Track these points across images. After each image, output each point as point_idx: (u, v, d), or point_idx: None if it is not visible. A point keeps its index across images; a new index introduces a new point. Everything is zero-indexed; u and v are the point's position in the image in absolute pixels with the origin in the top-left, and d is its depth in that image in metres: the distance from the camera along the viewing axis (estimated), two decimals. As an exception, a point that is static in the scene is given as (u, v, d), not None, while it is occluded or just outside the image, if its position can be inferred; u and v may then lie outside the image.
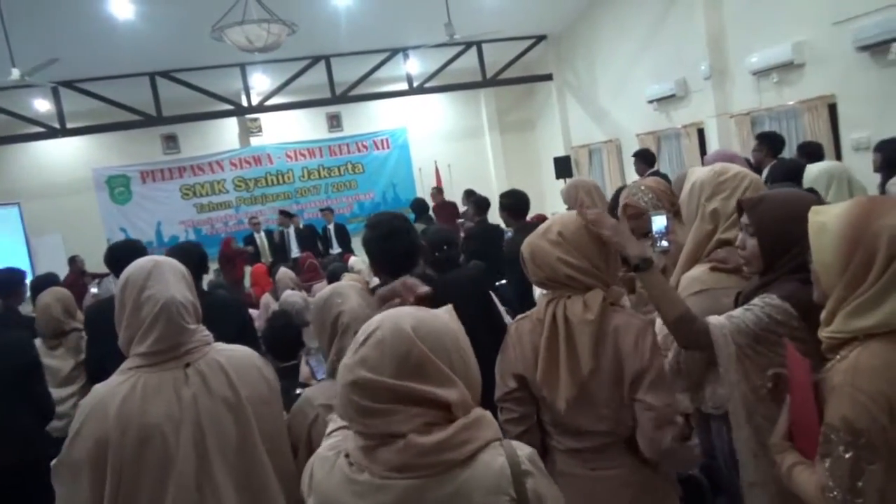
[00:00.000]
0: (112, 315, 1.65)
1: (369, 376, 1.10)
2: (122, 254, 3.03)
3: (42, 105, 10.25)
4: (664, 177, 4.99)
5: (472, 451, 1.12)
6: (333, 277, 5.28)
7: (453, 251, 2.97)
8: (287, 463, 1.72)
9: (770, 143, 5.25)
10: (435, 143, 13.01)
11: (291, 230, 10.06)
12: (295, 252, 9.66)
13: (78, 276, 8.57)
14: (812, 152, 4.91)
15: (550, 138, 12.76)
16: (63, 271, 10.29)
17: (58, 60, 6.66)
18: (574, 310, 1.69)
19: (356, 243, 10.80)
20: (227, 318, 2.73)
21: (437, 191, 10.89)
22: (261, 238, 10.19)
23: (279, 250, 9.94)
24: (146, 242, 11.18)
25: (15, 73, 6.46)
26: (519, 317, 1.88)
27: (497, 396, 1.80)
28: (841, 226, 1.37)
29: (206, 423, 1.56)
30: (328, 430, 1.35)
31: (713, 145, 8.25)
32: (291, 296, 4.49)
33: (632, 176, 10.46)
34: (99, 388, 1.58)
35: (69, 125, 9.90)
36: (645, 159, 6.32)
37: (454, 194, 11.76)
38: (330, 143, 12.41)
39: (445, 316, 1.21)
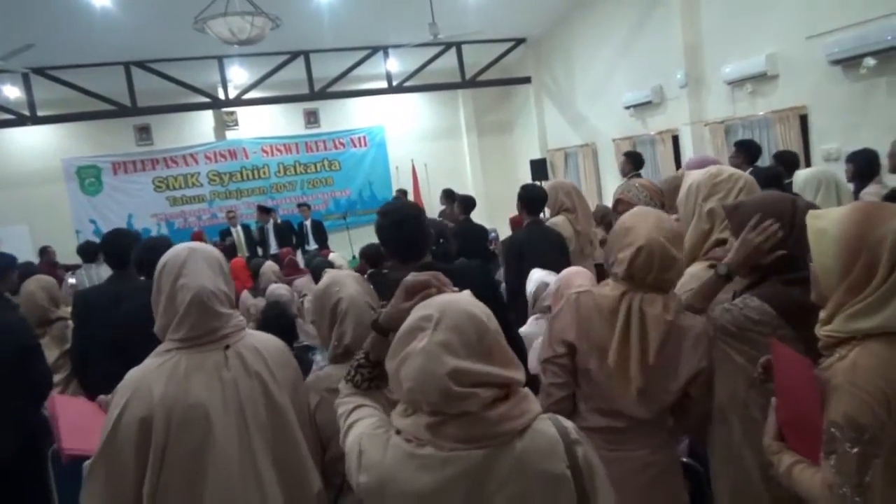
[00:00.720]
0: (97, 304, 1.66)
1: (463, 365, 1.15)
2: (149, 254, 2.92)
3: (11, 92, 9.96)
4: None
5: (528, 421, 1.20)
6: (317, 272, 5.29)
7: (450, 244, 3.03)
8: (314, 444, 1.75)
9: (747, 150, 5.42)
10: (412, 142, 13.04)
11: (270, 225, 9.97)
12: (273, 248, 9.59)
13: (51, 267, 8.36)
14: (788, 160, 5.09)
15: (527, 141, 12.89)
16: (33, 261, 10.07)
17: (33, 46, 6.50)
18: (653, 308, 1.78)
19: (332, 240, 10.79)
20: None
21: (402, 193, 10.96)
22: (237, 232, 10.09)
23: (259, 245, 9.85)
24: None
25: (-9, 59, 6.30)
26: (581, 289, 1.96)
27: (545, 357, 1.89)
28: (842, 231, 1.41)
29: (246, 403, 1.59)
30: (345, 409, 1.38)
31: (687, 152, 8.44)
32: (278, 288, 4.48)
33: (607, 179, 10.68)
34: (135, 372, 1.59)
35: (39, 113, 9.68)
36: (634, 161, 6.46)
37: (431, 193, 11.83)
38: (307, 140, 12.34)
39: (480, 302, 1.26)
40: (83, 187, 11.12)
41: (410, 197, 12.25)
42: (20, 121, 9.60)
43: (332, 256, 7.22)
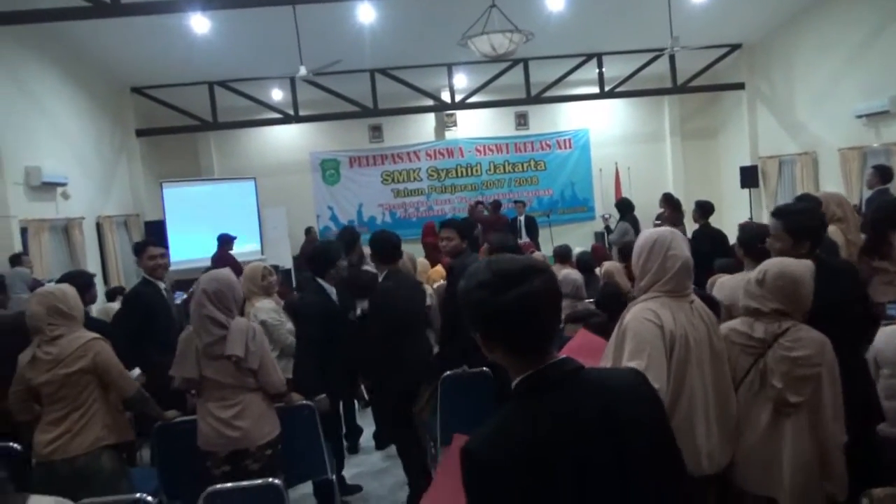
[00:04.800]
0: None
1: None
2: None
3: (276, 94, 11.77)
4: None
5: None
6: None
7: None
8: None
9: None
10: (615, 145, 13.40)
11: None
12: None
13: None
14: None
15: (734, 147, 12.75)
16: (286, 240, 11.85)
17: (340, 62, 7.78)
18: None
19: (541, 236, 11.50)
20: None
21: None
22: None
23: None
24: (348, 221, 12.61)
25: (302, 70, 7.68)
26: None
27: None
28: None
29: (702, 339, 2.26)
30: None
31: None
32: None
33: (827, 189, 10.36)
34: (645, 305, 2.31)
35: (301, 114, 11.35)
36: (882, 175, 6.41)
37: (633, 197, 12.13)
38: (516, 141, 13.18)
39: None
40: (324, 178, 12.82)
41: (610, 199, 12.65)
42: (286, 119, 11.32)
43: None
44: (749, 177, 11.58)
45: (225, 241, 8.87)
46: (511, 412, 1.33)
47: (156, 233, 10.55)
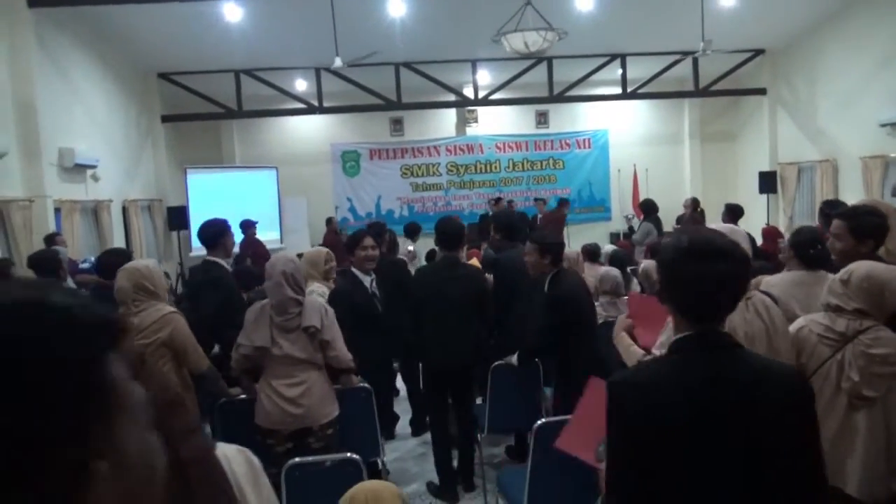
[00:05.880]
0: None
1: None
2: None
3: (301, 85, 11.82)
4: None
5: None
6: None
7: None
8: None
9: None
10: (634, 145, 13.46)
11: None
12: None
13: (334, 236, 9.96)
14: None
15: (753, 152, 12.81)
16: (305, 230, 11.92)
17: (376, 53, 7.83)
18: None
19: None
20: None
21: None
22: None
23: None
24: (366, 213, 12.68)
25: (338, 62, 7.75)
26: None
27: None
28: None
29: (756, 335, 2.32)
30: None
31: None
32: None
33: (846, 197, 10.38)
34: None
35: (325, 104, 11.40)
36: (911, 183, 6.50)
37: (652, 198, 12.18)
38: (536, 139, 13.25)
39: None
40: (345, 169, 12.89)
41: (627, 200, 12.74)
42: (310, 110, 11.38)
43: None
44: (767, 182, 11.64)
45: (248, 226, 8.96)
46: (664, 361, 1.52)
47: (178, 218, 10.64)
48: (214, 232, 4.08)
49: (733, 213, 6.50)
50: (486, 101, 11.92)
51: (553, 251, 3.67)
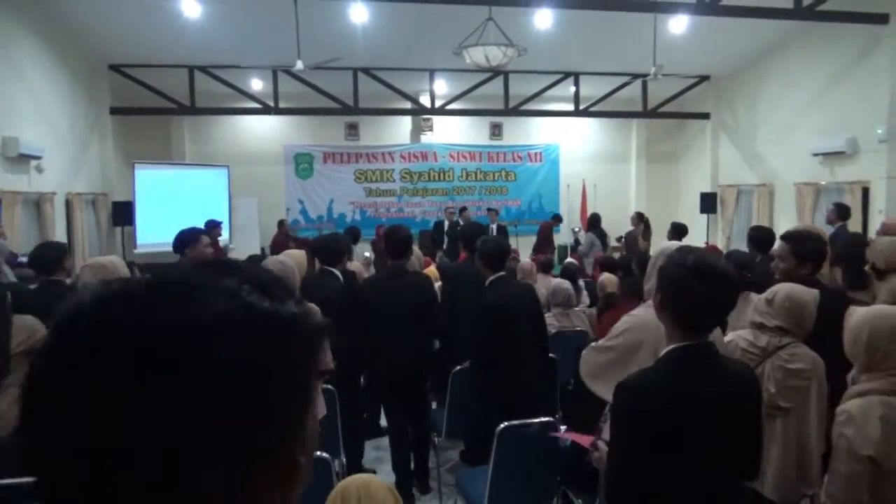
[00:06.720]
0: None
1: None
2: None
3: (256, 84, 11.70)
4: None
5: None
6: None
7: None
8: None
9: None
10: (583, 161, 13.84)
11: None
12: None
13: (285, 238, 9.89)
14: None
15: (695, 173, 13.35)
16: (255, 230, 11.79)
17: (339, 59, 7.85)
18: None
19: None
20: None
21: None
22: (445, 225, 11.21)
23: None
24: (317, 216, 12.64)
25: (299, 64, 7.73)
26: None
27: None
28: None
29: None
30: None
31: (878, 205, 8.72)
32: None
33: (780, 220, 10.98)
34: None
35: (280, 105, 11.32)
36: (841, 212, 6.93)
37: (598, 213, 12.57)
38: (489, 150, 13.47)
39: None
40: (297, 171, 12.80)
41: (575, 214, 13.08)
42: (266, 110, 11.28)
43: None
44: (708, 203, 12.16)
45: (213, 227, 8.78)
46: (663, 368, 1.79)
47: (124, 213, 10.36)
48: (182, 240, 4.09)
49: (678, 231, 6.81)
50: (442, 111, 12.06)
51: (493, 260, 3.83)
